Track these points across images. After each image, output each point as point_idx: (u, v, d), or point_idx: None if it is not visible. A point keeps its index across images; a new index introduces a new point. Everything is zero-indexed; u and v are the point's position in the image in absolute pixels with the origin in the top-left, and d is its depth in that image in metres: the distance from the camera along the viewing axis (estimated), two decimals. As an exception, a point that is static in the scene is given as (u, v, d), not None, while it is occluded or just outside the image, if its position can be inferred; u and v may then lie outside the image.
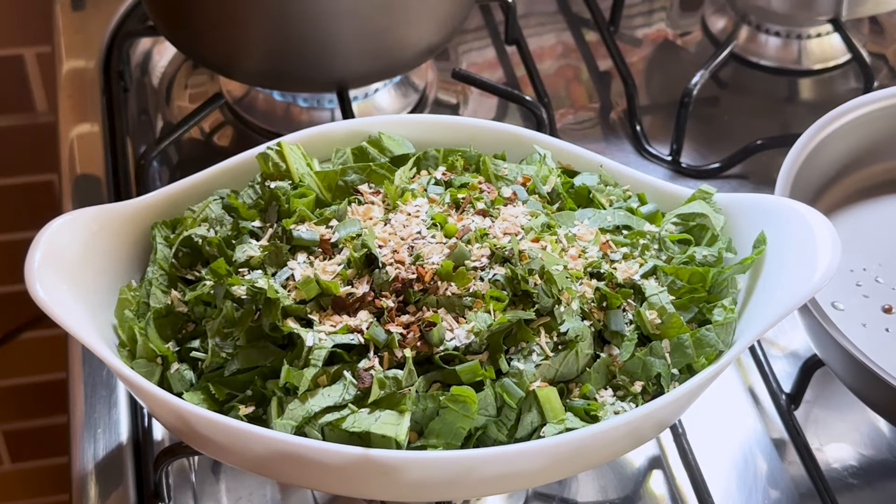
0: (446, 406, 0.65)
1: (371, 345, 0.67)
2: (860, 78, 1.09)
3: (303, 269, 0.71)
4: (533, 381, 0.67)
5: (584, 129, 1.07)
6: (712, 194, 0.77)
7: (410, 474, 0.65)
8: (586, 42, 1.16)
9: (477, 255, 0.70)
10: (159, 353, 0.71)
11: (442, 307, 0.68)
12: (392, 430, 0.64)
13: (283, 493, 0.80)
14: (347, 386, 0.66)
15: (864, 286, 0.88)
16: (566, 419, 0.66)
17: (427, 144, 0.81)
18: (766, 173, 1.03)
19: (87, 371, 0.86)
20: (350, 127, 0.82)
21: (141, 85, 1.10)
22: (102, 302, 0.73)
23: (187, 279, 0.75)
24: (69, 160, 1.02)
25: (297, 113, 1.04)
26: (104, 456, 0.81)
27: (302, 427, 0.66)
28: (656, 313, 0.71)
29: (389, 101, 1.05)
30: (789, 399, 0.84)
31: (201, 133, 1.05)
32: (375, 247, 0.70)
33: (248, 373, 0.69)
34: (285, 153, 0.77)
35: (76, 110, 1.06)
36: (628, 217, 0.76)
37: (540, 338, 0.68)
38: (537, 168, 0.79)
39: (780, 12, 1.09)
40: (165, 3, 0.97)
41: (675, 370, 0.69)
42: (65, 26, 1.13)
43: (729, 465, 0.83)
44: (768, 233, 0.73)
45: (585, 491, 0.81)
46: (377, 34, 0.94)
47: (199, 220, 0.76)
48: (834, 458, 0.83)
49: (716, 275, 0.73)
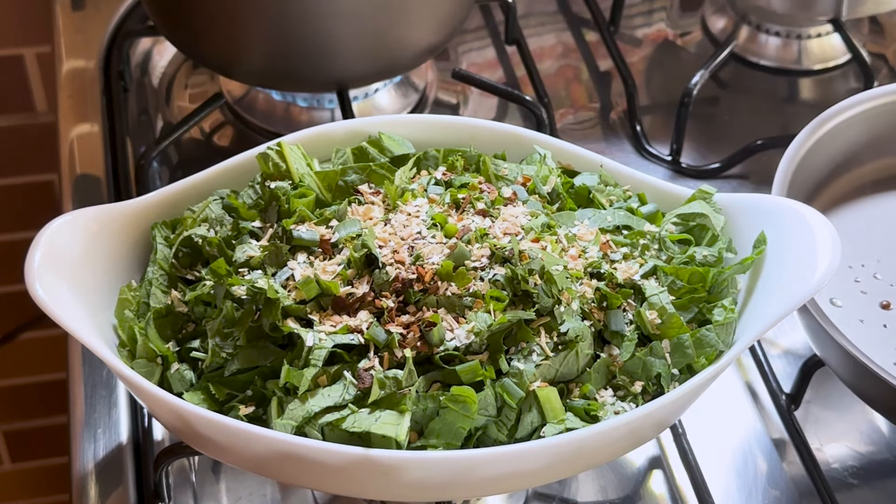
0: (446, 406, 0.65)
1: (371, 345, 0.67)
2: (860, 78, 1.08)
3: (303, 269, 0.71)
4: (533, 381, 0.67)
5: (584, 129, 1.07)
6: (712, 194, 0.77)
7: (410, 474, 0.65)
8: (586, 42, 1.16)
9: (477, 255, 0.70)
10: (159, 353, 0.71)
11: (442, 307, 0.68)
12: (392, 430, 0.64)
13: (283, 493, 0.80)
14: (347, 386, 0.66)
15: (862, 282, 0.88)
16: (566, 419, 0.66)
17: (427, 144, 0.81)
18: (766, 173, 1.03)
19: (87, 371, 0.86)
20: (350, 127, 0.82)
21: (141, 85, 1.10)
22: (102, 302, 0.73)
23: (187, 279, 0.75)
24: (69, 160, 1.02)
25: (297, 113, 1.04)
26: (104, 456, 0.81)
27: (302, 427, 0.66)
28: (656, 313, 0.71)
29: (389, 101, 1.05)
30: (789, 399, 0.84)
31: (201, 133, 1.05)
32: (375, 247, 0.70)
33: (248, 373, 0.69)
34: (285, 153, 0.77)
35: (76, 110, 1.06)
36: (628, 217, 0.76)
37: (540, 338, 0.68)
38: (537, 168, 0.79)
39: (780, 12, 1.09)
40: (165, 3, 0.97)
41: (675, 370, 0.69)
42: (65, 26, 1.13)
43: (729, 465, 0.83)
44: (768, 233, 0.73)
45: (585, 491, 0.81)
46: (377, 34, 0.94)
47: (199, 221, 0.76)
48: (834, 458, 0.83)
49: (716, 275, 0.73)
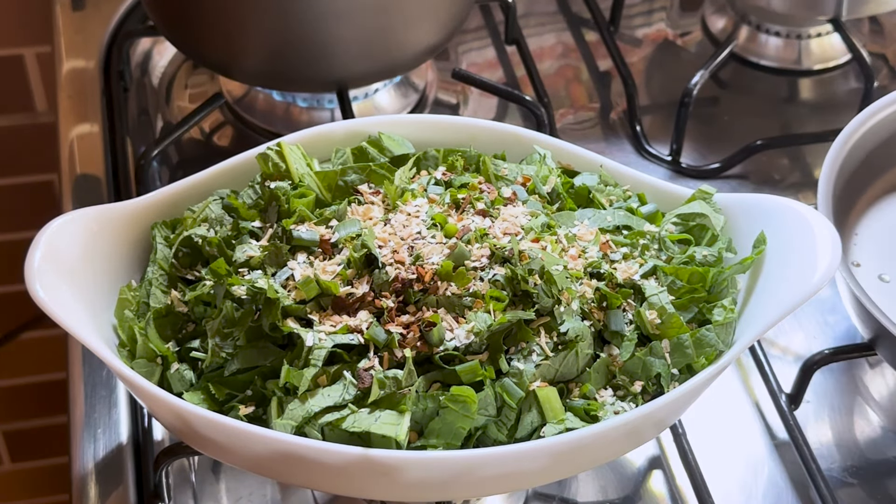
0: (446, 406, 0.65)
1: (371, 345, 0.67)
2: (860, 78, 1.08)
3: (303, 269, 0.71)
4: (533, 381, 0.67)
5: (584, 129, 1.07)
6: (712, 194, 0.77)
7: (410, 474, 0.65)
8: (586, 42, 1.16)
9: (477, 255, 0.70)
10: (159, 353, 0.71)
11: (442, 307, 0.68)
12: (392, 430, 0.64)
13: (283, 493, 0.80)
14: (347, 386, 0.66)
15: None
16: (566, 419, 0.66)
17: (427, 144, 0.81)
18: (766, 173, 1.03)
19: (87, 371, 0.86)
20: (350, 127, 0.82)
21: (141, 85, 1.10)
22: (102, 302, 0.73)
23: (187, 279, 0.75)
24: (69, 160, 1.02)
25: (297, 113, 1.04)
26: (104, 456, 0.81)
27: (302, 427, 0.66)
28: (656, 313, 0.71)
29: (389, 101, 1.05)
30: (789, 399, 0.84)
31: (201, 133, 1.05)
32: (375, 247, 0.70)
33: (248, 373, 0.69)
34: (285, 153, 0.77)
35: (76, 110, 1.06)
36: (628, 217, 0.76)
37: (540, 338, 0.68)
38: (537, 168, 0.79)
39: (780, 12, 1.09)
40: (165, 3, 0.97)
41: (675, 370, 0.69)
42: (65, 26, 1.13)
43: (729, 465, 0.83)
44: (768, 233, 0.73)
45: (585, 491, 0.81)
46: (377, 34, 0.94)
47: (199, 221, 0.76)
48: (834, 458, 0.83)
49: (716, 275, 0.73)
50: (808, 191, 1.02)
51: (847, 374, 0.89)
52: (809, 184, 1.03)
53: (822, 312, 0.92)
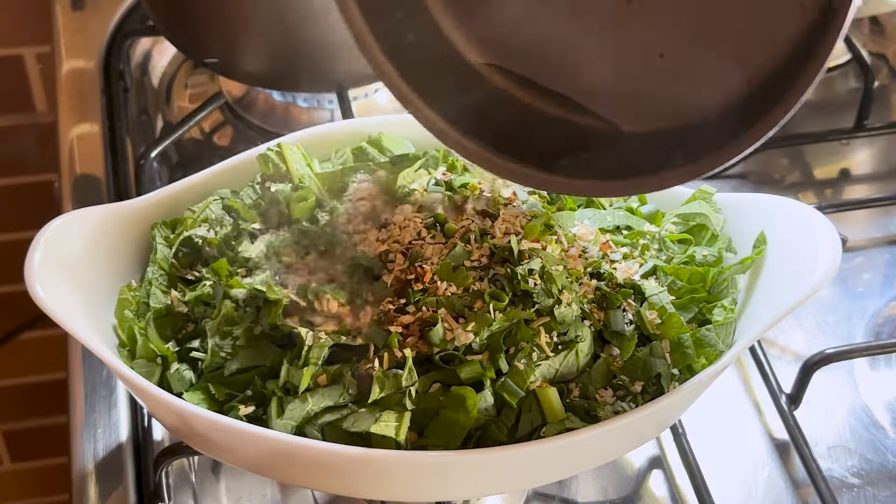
0: (446, 406, 0.65)
1: (371, 345, 0.67)
2: (860, 78, 1.08)
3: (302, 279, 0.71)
4: (533, 381, 0.67)
5: (584, 129, 1.07)
6: (712, 194, 0.77)
7: (410, 474, 0.65)
8: (586, 42, 1.16)
9: (477, 255, 0.70)
10: (159, 353, 0.71)
11: (442, 307, 0.68)
12: (392, 430, 0.64)
13: (283, 493, 0.80)
14: (347, 386, 0.66)
15: None
16: (566, 419, 0.66)
17: (427, 144, 0.81)
18: (766, 173, 1.03)
19: (87, 371, 0.86)
20: (350, 127, 0.82)
21: (141, 85, 1.10)
22: (102, 302, 0.73)
23: (187, 279, 0.75)
24: (69, 160, 1.02)
25: (297, 113, 1.04)
26: (104, 456, 0.81)
27: (302, 427, 0.66)
28: (656, 313, 0.71)
29: (389, 101, 1.05)
30: (789, 399, 0.84)
31: (201, 133, 1.05)
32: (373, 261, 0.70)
33: (248, 373, 0.69)
34: (285, 154, 0.77)
35: (76, 110, 1.06)
36: (628, 217, 0.76)
37: (540, 338, 0.68)
38: (537, 168, 0.79)
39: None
40: (165, 3, 0.97)
41: (675, 370, 0.69)
42: (65, 26, 1.13)
43: (729, 465, 0.82)
44: (768, 233, 0.73)
45: (585, 491, 0.81)
46: (377, 34, 0.94)
47: (200, 221, 0.76)
48: (834, 458, 0.83)
49: (716, 275, 0.73)
50: (808, 191, 1.02)
51: (847, 374, 0.89)
52: (809, 184, 1.03)
53: (822, 312, 0.92)
